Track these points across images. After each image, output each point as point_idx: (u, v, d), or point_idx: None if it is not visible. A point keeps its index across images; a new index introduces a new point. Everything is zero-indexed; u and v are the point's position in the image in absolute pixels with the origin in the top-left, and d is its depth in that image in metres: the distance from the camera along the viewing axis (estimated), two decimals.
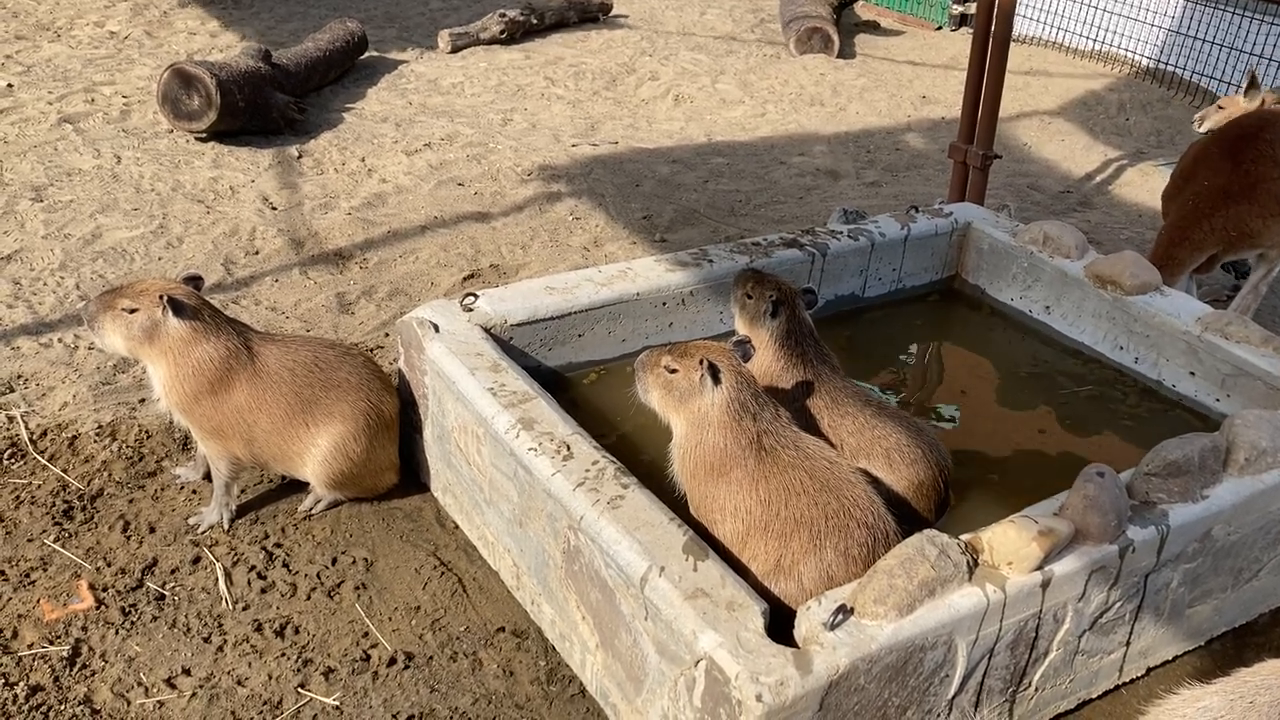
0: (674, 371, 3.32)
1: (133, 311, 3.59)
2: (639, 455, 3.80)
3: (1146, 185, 7.88)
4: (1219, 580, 3.46)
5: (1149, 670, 3.47)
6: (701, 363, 3.25)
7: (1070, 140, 8.79)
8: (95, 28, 9.54)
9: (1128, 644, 3.32)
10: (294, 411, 3.72)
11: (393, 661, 3.34)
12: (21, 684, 3.15)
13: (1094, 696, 3.37)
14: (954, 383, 4.65)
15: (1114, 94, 9.81)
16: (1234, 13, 9.34)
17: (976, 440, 4.16)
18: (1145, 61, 10.18)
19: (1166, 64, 9.97)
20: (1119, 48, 10.42)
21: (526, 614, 3.54)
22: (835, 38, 10.54)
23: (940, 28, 12.06)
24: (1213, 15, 9.57)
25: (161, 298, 3.56)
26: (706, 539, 3.06)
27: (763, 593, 2.97)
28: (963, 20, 11.85)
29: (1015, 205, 6.55)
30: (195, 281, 3.74)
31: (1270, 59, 8.96)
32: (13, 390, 4.47)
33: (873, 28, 11.96)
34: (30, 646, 3.29)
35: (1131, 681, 3.44)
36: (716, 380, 3.25)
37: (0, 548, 3.67)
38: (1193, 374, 4.31)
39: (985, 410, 4.39)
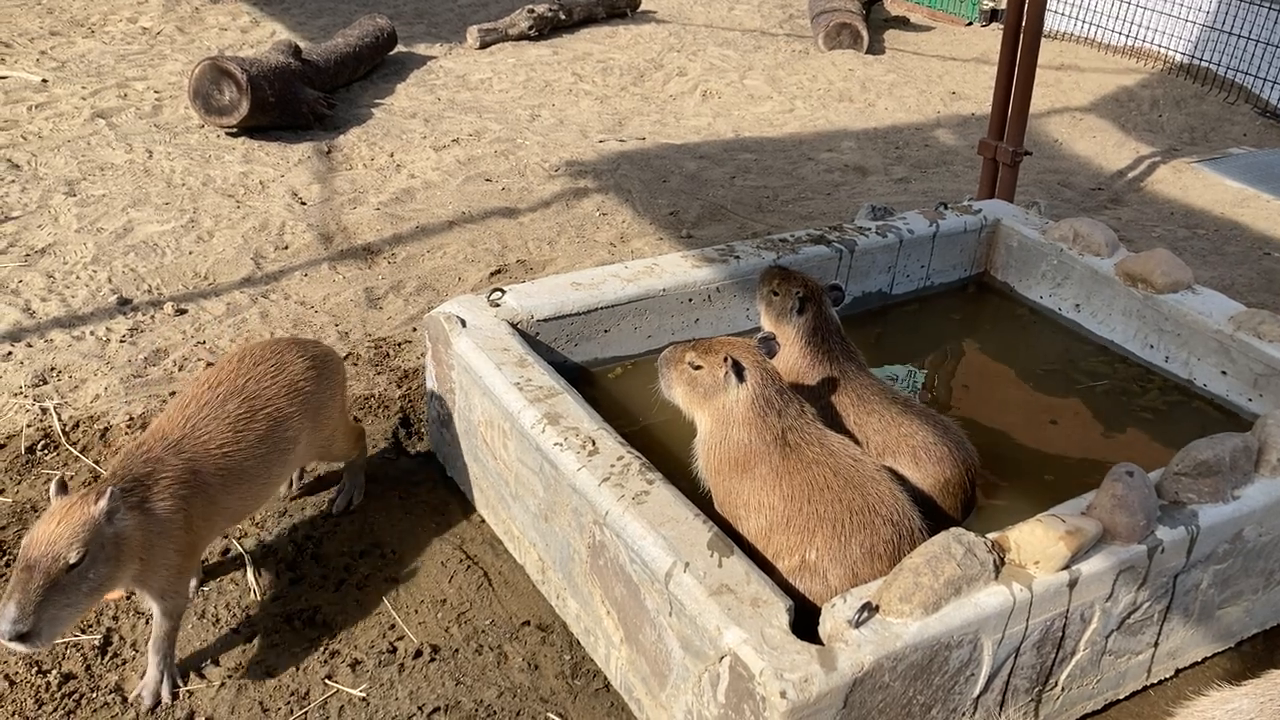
0: (698, 368, 3.32)
1: None
2: (664, 450, 3.80)
3: (1179, 183, 7.80)
4: (1250, 581, 3.42)
5: (1178, 671, 3.44)
6: (726, 360, 3.25)
7: (1102, 137, 8.71)
8: (128, 23, 9.64)
9: (1156, 645, 3.29)
10: None
11: (419, 654, 3.36)
12: (54, 671, 3.20)
13: (1121, 697, 3.34)
14: (978, 379, 4.63)
15: (1147, 90, 9.71)
16: (1270, 7, 9.22)
17: (1002, 438, 4.13)
18: (1179, 57, 10.07)
19: (1201, 60, 9.85)
20: (1152, 43, 10.31)
21: (551, 608, 3.55)
22: (864, 33, 10.49)
23: (970, 23, 11.98)
24: (1249, 10, 9.45)
25: None
26: (731, 535, 3.06)
27: (788, 589, 2.97)
28: (993, 15, 11.76)
29: (1045, 202, 6.50)
30: None
31: None
32: (46, 382, 4.53)
33: (902, 23, 11.90)
34: (63, 635, 3.33)
35: (1160, 683, 3.41)
36: (741, 377, 3.25)
37: None
38: (1224, 373, 4.27)
39: (1012, 408, 4.36)
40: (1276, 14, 9.15)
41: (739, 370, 3.25)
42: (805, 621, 2.75)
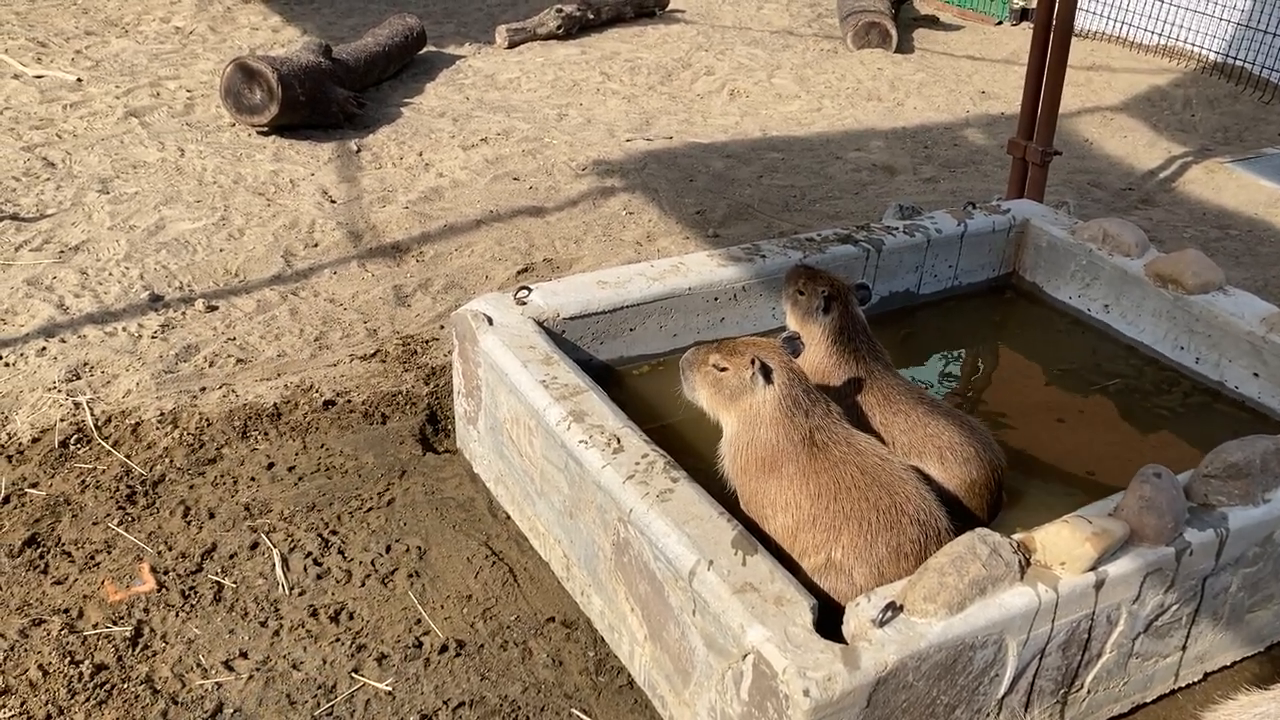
0: (723, 370, 3.31)
1: None
2: (688, 449, 3.81)
3: (1211, 183, 7.72)
4: None
5: (1206, 675, 3.41)
6: (753, 361, 3.24)
7: (1133, 137, 8.64)
8: (161, 23, 9.74)
9: (1184, 648, 3.27)
10: None
11: (444, 649, 3.38)
12: (87, 662, 3.24)
13: (1148, 700, 3.32)
14: (1006, 379, 4.60)
15: (1179, 89, 9.61)
16: None
17: (1029, 439, 4.11)
18: (1212, 56, 9.97)
19: (1235, 59, 9.75)
20: (1185, 42, 10.21)
21: (576, 605, 3.57)
22: (893, 32, 10.45)
23: (1000, 22, 11.90)
24: None
25: None
26: (757, 534, 3.06)
27: (812, 588, 2.96)
28: (1023, 15, 11.68)
29: (1075, 202, 6.46)
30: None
31: None
32: (79, 378, 4.59)
33: (931, 22, 11.84)
34: (95, 626, 3.38)
35: (1188, 686, 3.38)
36: (769, 378, 3.24)
37: (67, 530, 3.78)
38: (1256, 375, 4.22)
39: (1039, 409, 4.34)
40: None
41: (766, 371, 3.24)
42: (830, 620, 2.75)
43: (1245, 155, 8.26)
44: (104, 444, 4.22)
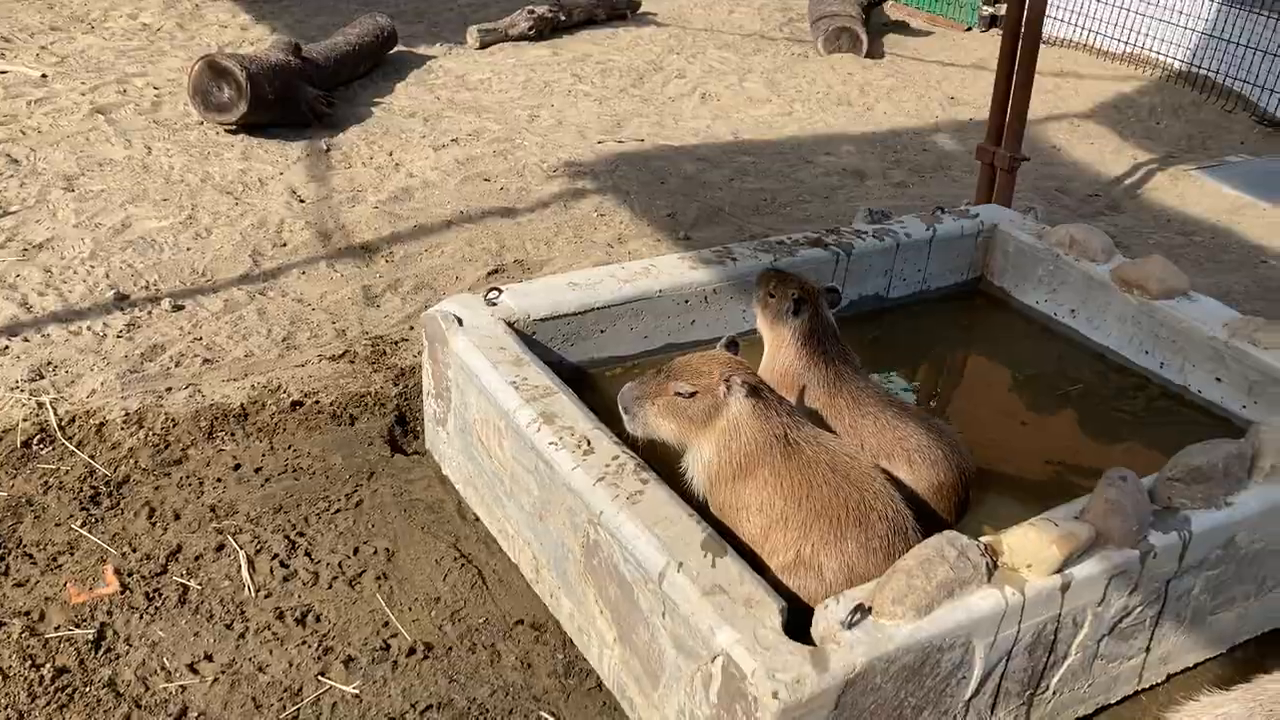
0: (691, 394, 3.20)
1: None
2: (659, 451, 3.80)
3: (1176, 190, 7.82)
4: (1242, 588, 3.43)
5: (1169, 677, 3.45)
6: (727, 381, 3.18)
7: (1100, 143, 8.73)
8: (129, 20, 9.64)
9: (1148, 650, 3.30)
10: None
11: (412, 651, 3.36)
12: (48, 665, 3.20)
13: (1113, 702, 3.35)
14: (974, 382, 4.63)
15: (1145, 97, 9.73)
16: (1269, 16, 9.24)
17: (997, 442, 4.13)
18: (1177, 64, 10.09)
19: (1199, 67, 9.87)
20: (1151, 50, 10.33)
21: (545, 607, 3.56)
22: (864, 37, 10.50)
23: (970, 28, 12.00)
24: (1247, 19, 9.47)
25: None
26: (728, 538, 3.06)
27: (782, 589, 2.97)
28: (993, 21, 11.78)
29: (1043, 208, 6.51)
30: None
31: None
32: (42, 377, 4.53)
33: (902, 28, 11.91)
34: (57, 629, 3.33)
35: (1151, 687, 3.42)
36: (747, 392, 3.18)
37: (29, 531, 3.72)
38: (1219, 380, 4.28)
39: (1007, 412, 4.37)
40: (1275, 22, 9.17)
41: (744, 388, 3.18)
42: (800, 622, 2.76)
43: (1209, 163, 8.37)
44: (67, 444, 4.16)
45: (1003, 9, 11.02)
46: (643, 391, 3.28)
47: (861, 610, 2.71)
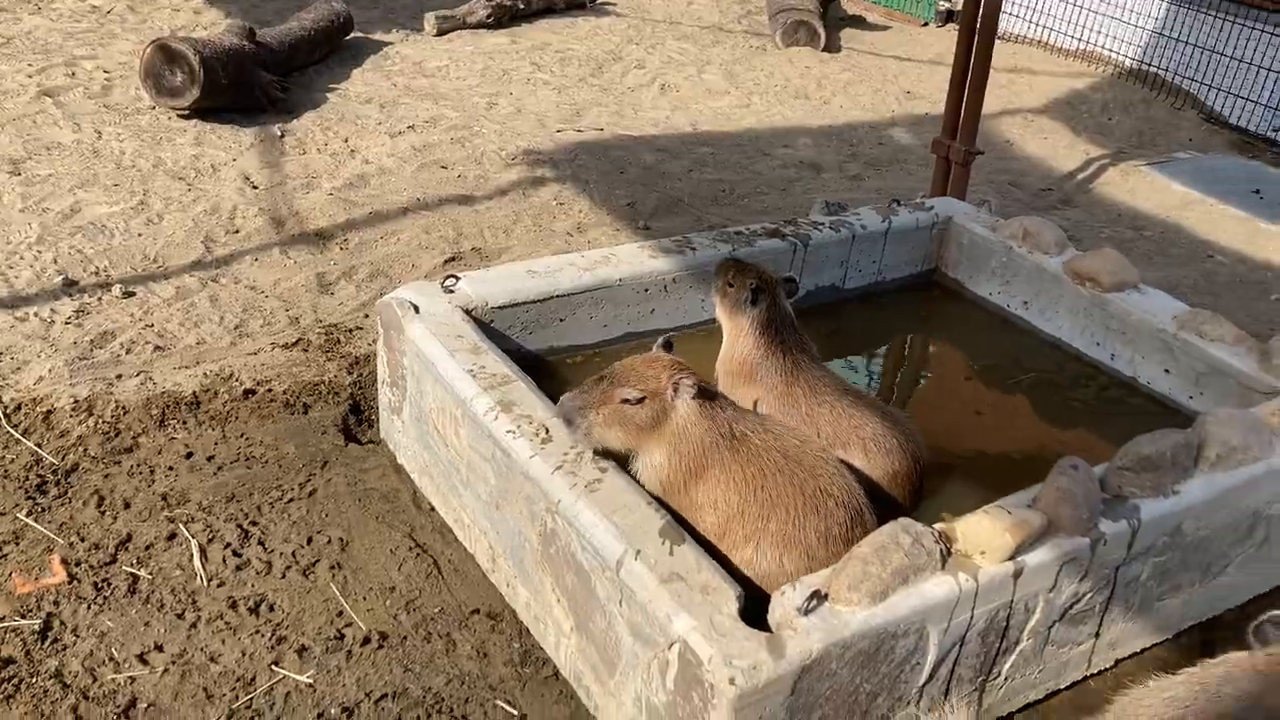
0: (638, 401, 3.15)
1: None
2: None
3: (1127, 185, 7.94)
4: (1188, 575, 3.50)
5: (1117, 662, 3.51)
6: (674, 383, 3.14)
7: (1053, 138, 8.84)
8: (77, 1, 9.45)
9: (1097, 635, 3.35)
10: None
11: (367, 641, 3.34)
12: None
13: (1063, 687, 3.40)
14: (928, 373, 4.67)
15: (1097, 93, 9.86)
16: (1216, 16, 9.40)
17: (950, 431, 4.18)
18: (1129, 62, 10.24)
19: (1150, 65, 10.02)
20: (1103, 47, 10.47)
21: (501, 596, 3.54)
22: (821, 31, 10.55)
23: (926, 23, 12.09)
24: (1195, 18, 9.62)
25: None
26: (687, 531, 3.06)
27: (743, 579, 2.98)
28: (949, 16, 11.88)
29: (996, 201, 6.58)
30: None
31: (1251, 63, 9.02)
32: None
33: (859, 22, 11.98)
34: (2, 620, 3.27)
35: (1100, 672, 3.47)
36: (692, 394, 3.17)
37: None
38: (1168, 371, 4.35)
39: (960, 402, 4.42)
40: (1223, 22, 9.33)
41: (692, 389, 3.16)
42: (758, 610, 2.77)
43: (1158, 159, 8.51)
44: (12, 432, 4.08)
45: (959, 4, 11.13)
46: (585, 401, 3.17)
47: (818, 597, 2.73)
